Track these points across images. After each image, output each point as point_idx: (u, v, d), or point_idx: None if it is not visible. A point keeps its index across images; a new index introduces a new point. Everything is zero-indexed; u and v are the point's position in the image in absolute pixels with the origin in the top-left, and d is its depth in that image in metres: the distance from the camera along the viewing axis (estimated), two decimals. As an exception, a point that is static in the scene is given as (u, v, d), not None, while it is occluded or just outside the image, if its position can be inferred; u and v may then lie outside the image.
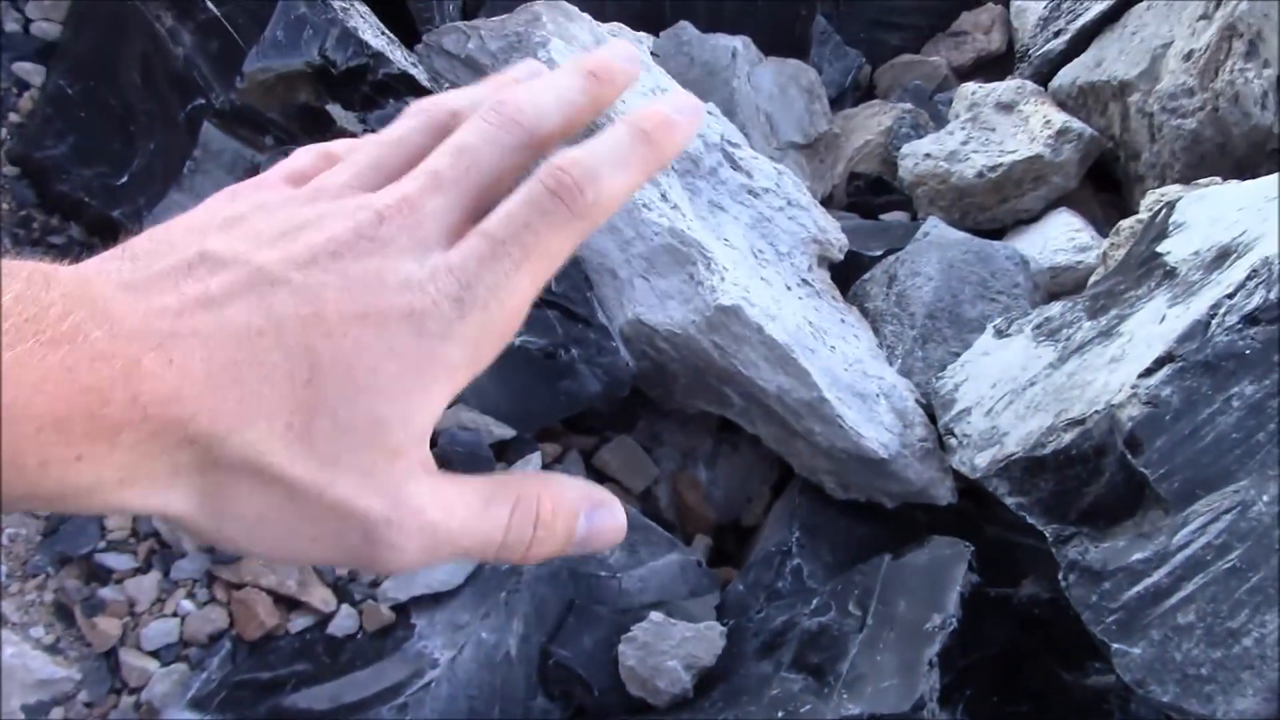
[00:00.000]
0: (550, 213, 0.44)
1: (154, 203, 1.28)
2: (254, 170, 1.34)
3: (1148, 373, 1.11)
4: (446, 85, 1.49)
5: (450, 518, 0.43)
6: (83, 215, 1.38)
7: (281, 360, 0.39)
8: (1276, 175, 1.35)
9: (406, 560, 0.43)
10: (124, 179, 1.33)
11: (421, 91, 1.40)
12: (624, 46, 0.54)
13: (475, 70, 1.54)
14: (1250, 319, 1.09)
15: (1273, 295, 1.09)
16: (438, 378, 0.42)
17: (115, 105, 1.37)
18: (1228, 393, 1.07)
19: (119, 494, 0.38)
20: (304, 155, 0.52)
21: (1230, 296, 1.12)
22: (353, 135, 1.36)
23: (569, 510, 0.47)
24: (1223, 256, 1.23)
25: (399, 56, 1.41)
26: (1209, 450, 1.06)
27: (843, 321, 1.61)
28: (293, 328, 0.39)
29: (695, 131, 0.51)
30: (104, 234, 1.37)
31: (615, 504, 0.49)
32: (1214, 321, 1.11)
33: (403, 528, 0.42)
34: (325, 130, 1.35)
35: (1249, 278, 1.12)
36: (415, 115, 0.51)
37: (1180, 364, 1.10)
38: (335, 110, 1.35)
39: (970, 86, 2.10)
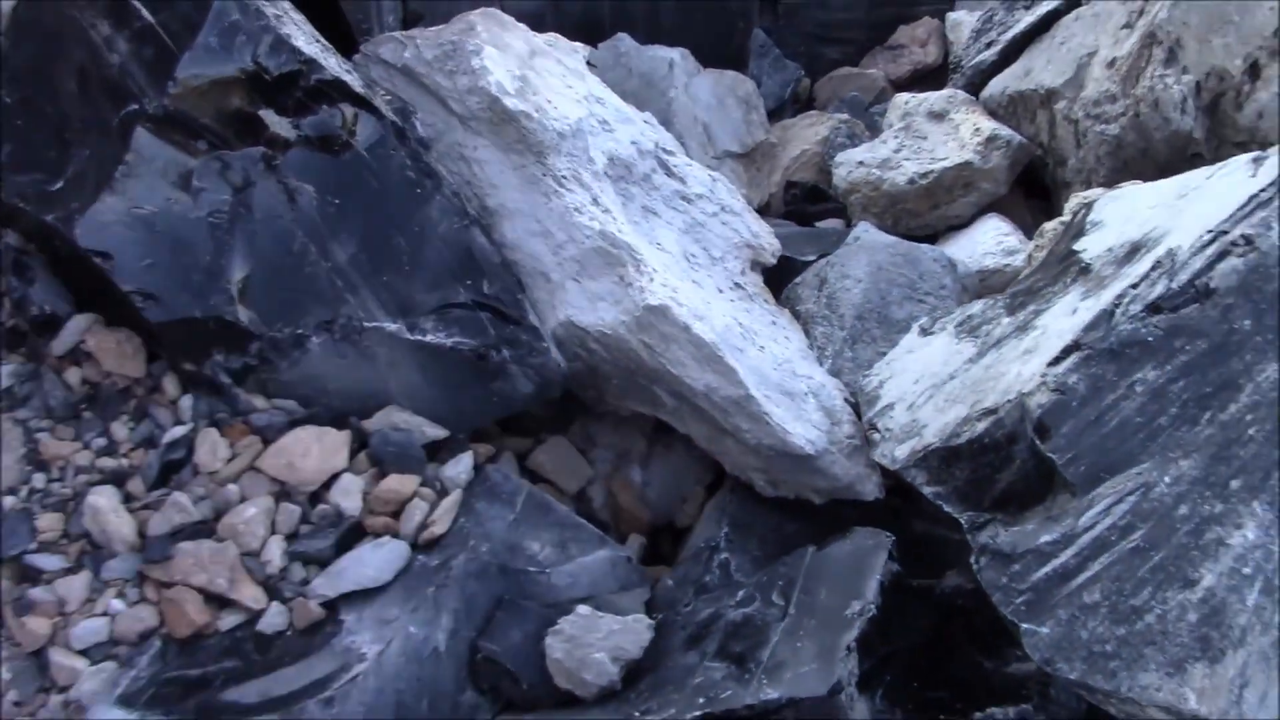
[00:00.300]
0: None
1: (87, 207, 1.29)
2: (188, 176, 1.35)
3: (1055, 361, 1.14)
4: (381, 93, 1.50)
5: None
6: (18, 221, 1.38)
7: None
8: (1187, 174, 1.39)
9: None
10: (59, 184, 1.34)
11: (354, 98, 1.41)
12: None
13: (411, 79, 1.56)
14: (1153, 307, 1.12)
15: (1174, 284, 1.12)
16: None
17: (51, 113, 1.37)
18: (1131, 379, 1.10)
19: None
20: None
21: (1134, 287, 1.15)
22: (285, 140, 1.38)
23: None
24: (1134, 251, 1.27)
25: (332, 64, 1.43)
26: (1113, 435, 1.09)
27: (774, 323, 1.63)
28: None
29: None
30: (39, 240, 1.37)
31: None
32: (1118, 311, 1.14)
33: None
34: (258, 135, 1.37)
35: (1153, 268, 1.16)
36: None
37: (1086, 352, 1.13)
38: (268, 116, 1.37)
39: (904, 96, 2.14)
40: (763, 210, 2.10)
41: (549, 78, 1.58)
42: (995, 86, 2.13)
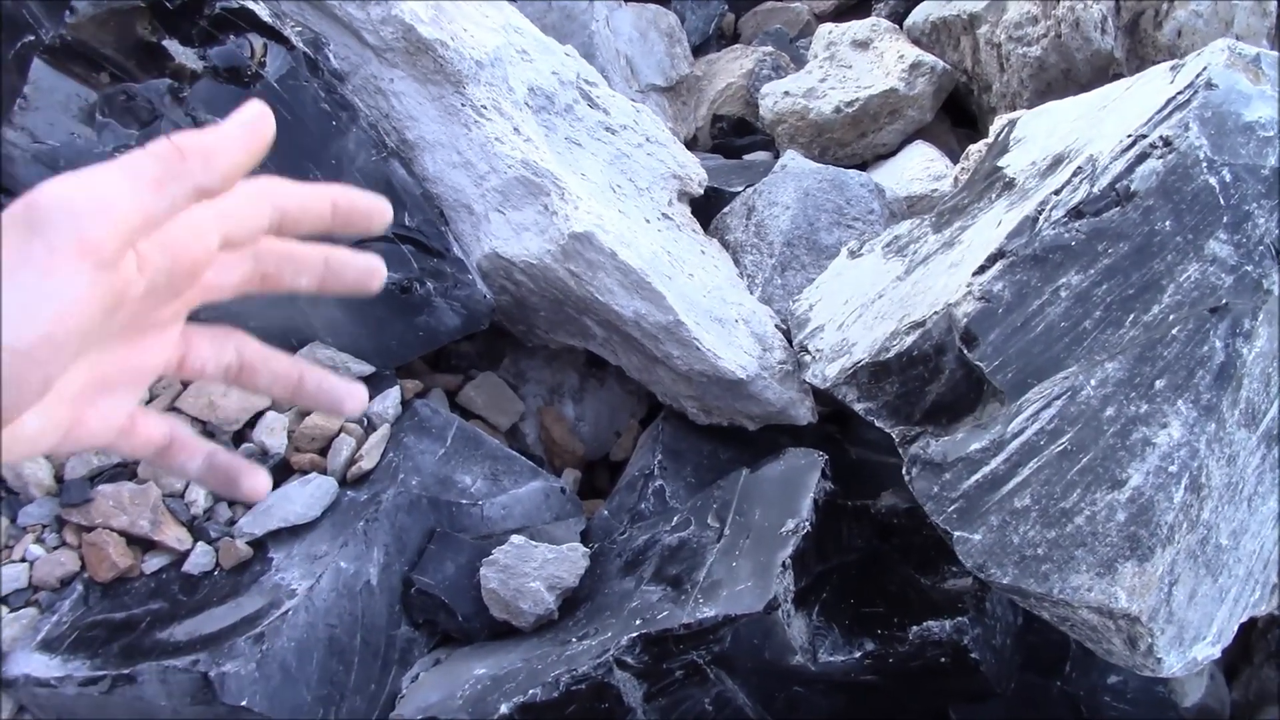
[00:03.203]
0: None
1: (-16, 144, 1.24)
2: (91, 110, 1.30)
3: (981, 270, 1.14)
4: (291, 25, 1.46)
5: None
6: (-87, 161, 1.33)
7: None
8: (1108, 86, 1.39)
9: None
10: (-46, 122, 1.29)
11: (263, 28, 1.37)
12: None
13: (322, 11, 1.51)
14: (1075, 212, 1.12)
15: (1095, 189, 1.12)
16: None
17: (-57, 50, 1.33)
18: (1055, 284, 1.10)
19: None
20: None
21: (1057, 194, 1.15)
22: (192, 71, 1.33)
23: None
24: (1056, 163, 1.27)
25: (240, -8, 1.39)
26: (1039, 340, 1.09)
27: (703, 253, 1.62)
28: None
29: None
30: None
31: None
32: (1041, 217, 1.14)
33: None
34: (163, 66, 1.32)
35: (1074, 175, 1.16)
36: None
37: (1010, 259, 1.13)
38: (172, 46, 1.32)
39: (828, 26, 2.13)
40: (690, 144, 2.08)
41: (464, 5, 1.55)
42: (918, 14, 2.12)
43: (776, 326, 1.52)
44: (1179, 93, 1.15)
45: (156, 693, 1.11)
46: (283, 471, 1.30)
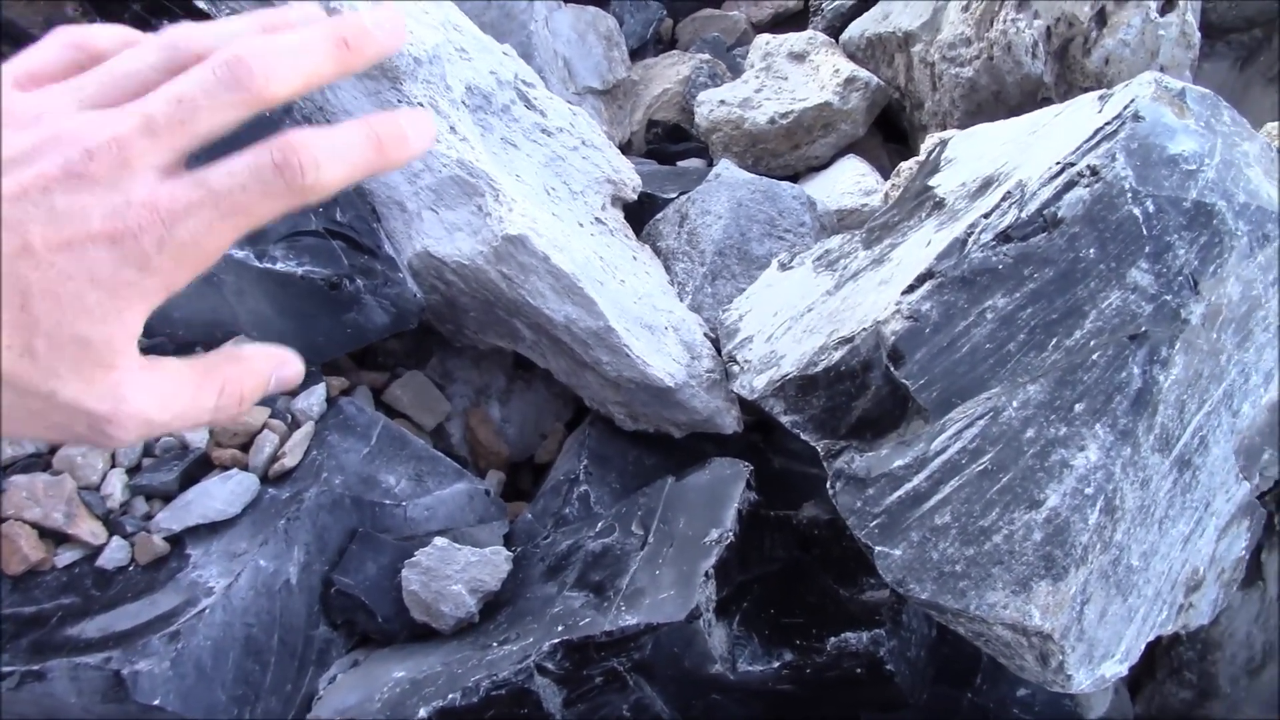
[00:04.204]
0: (269, 183, 0.49)
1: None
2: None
3: (910, 289, 1.16)
4: (226, 10, 1.44)
5: (164, 410, 0.52)
6: None
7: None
8: (1038, 112, 1.42)
9: (127, 441, 0.52)
10: None
11: (197, 14, 1.35)
12: (389, 14, 0.56)
13: (259, 1, 1.49)
14: (1003, 236, 1.14)
15: (1023, 214, 1.15)
16: (134, 302, 0.49)
17: None
18: (982, 306, 1.13)
19: None
20: (53, 51, 0.55)
21: (986, 216, 1.18)
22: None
23: (263, 381, 0.57)
24: (985, 185, 1.29)
25: (174, -23, 1.36)
26: (964, 360, 1.12)
27: (634, 259, 1.62)
28: (6, 262, 0.44)
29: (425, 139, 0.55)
30: None
31: (295, 360, 0.60)
32: (970, 239, 1.16)
33: (122, 423, 0.50)
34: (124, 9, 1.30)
35: (1003, 199, 1.18)
36: (158, 50, 0.54)
37: (939, 280, 1.15)
38: (102, 29, 1.30)
39: (765, 37, 2.15)
40: (624, 148, 2.09)
41: (404, 1, 1.54)
42: (854, 30, 2.14)
43: (705, 335, 1.53)
44: (1107, 123, 1.18)
45: (66, 690, 1.09)
46: (203, 467, 1.28)
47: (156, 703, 1.08)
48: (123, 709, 1.09)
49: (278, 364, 0.59)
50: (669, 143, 2.15)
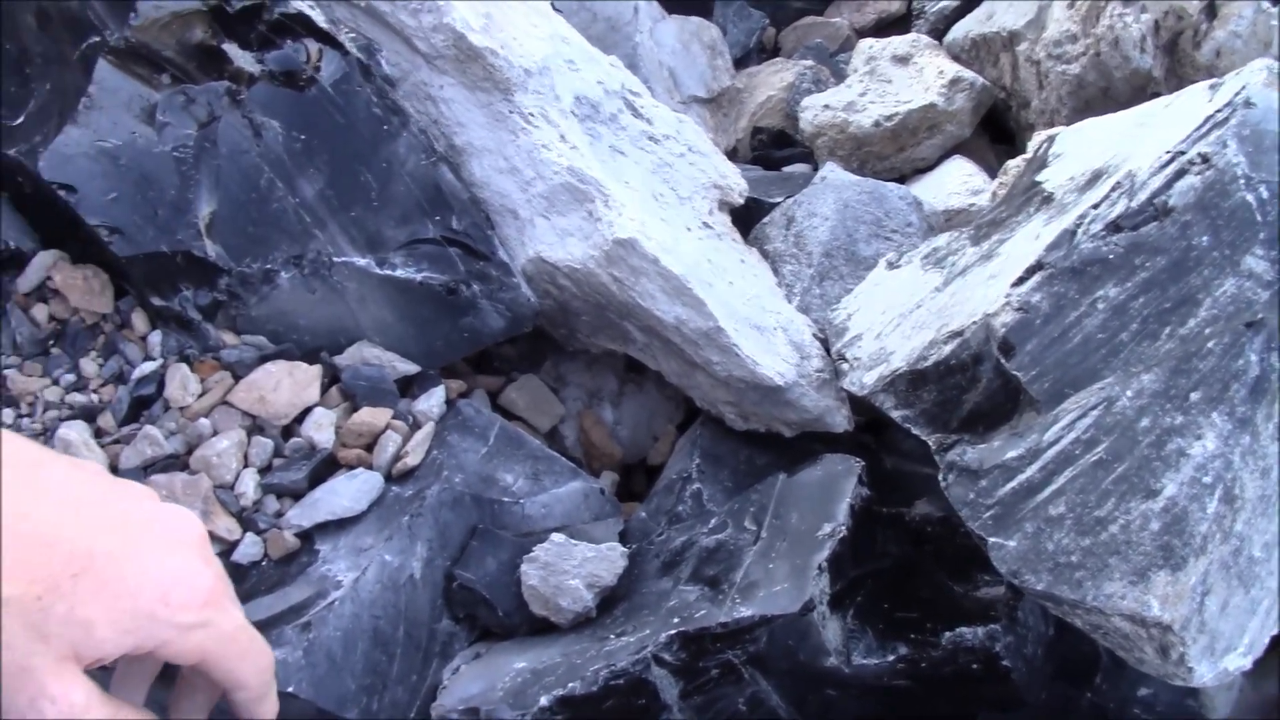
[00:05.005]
0: None
1: (50, 141, 1.28)
2: (151, 110, 1.34)
3: (1019, 281, 1.16)
4: (345, 30, 1.50)
5: None
6: (-20, 159, 1.38)
7: None
8: (1147, 104, 1.41)
9: None
10: (20, 119, 1.33)
11: (319, 33, 1.41)
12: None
13: (375, 18, 1.55)
14: (1113, 226, 1.14)
15: (1134, 203, 1.14)
16: None
17: (10, 49, 1.37)
18: (1093, 296, 1.12)
19: None
20: None
21: (1095, 207, 1.17)
22: (250, 75, 1.37)
23: None
24: (1095, 178, 1.28)
25: (296, -1, 1.42)
26: (1076, 351, 1.11)
27: (742, 262, 1.64)
28: None
29: None
30: (1, 177, 1.36)
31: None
32: (1080, 230, 1.16)
33: None
34: (221, 69, 1.36)
35: (1113, 189, 1.18)
36: None
37: (1049, 271, 1.15)
38: (231, 49, 1.36)
39: (868, 41, 2.15)
40: (730, 155, 2.11)
41: (514, 15, 1.58)
42: (958, 31, 2.14)
43: (814, 335, 1.55)
44: (1217, 110, 1.17)
45: (206, 678, 1.14)
46: (330, 467, 1.33)
47: (290, 690, 1.13)
48: (259, 696, 1.14)
49: None
50: (774, 149, 2.17)
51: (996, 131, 2.13)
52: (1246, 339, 1.06)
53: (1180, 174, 1.14)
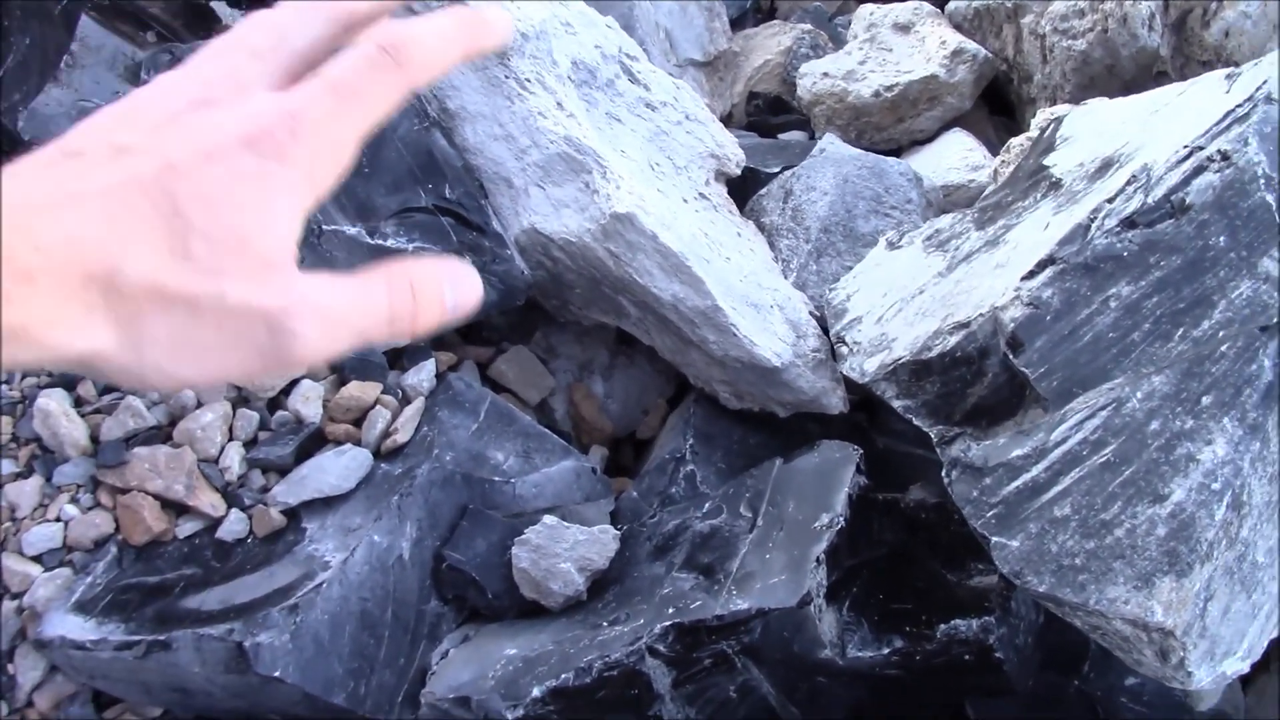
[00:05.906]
0: (378, 63, 0.51)
1: (30, 99, 1.23)
2: (136, 69, 1.29)
3: (1030, 275, 1.14)
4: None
5: (338, 298, 0.49)
6: (-44, 115, 1.32)
7: (148, 204, 0.45)
8: (1159, 90, 1.38)
9: (311, 346, 0.48)
10: (-2, 75, 1.28)
11: None
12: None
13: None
14: (1128, 222, 1.12)
15: (1150, 200, 1.12)
16: (282, 195, 0.48)
17: (-12, 0, 1.32)
18: (1105, 293, 1.10)
19: (49, 333, 0.43)
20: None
21: (1110, 201, 1.15)
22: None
23: (434, 280, 0.54)
24: (1105, 167, 1.26)
25: (287, -45, 1.37)
26: (1087, 349, 1.09)
27: (739, 235, 1.61)
28: (150, 179, 0.45)
29: (507, 33, 0.58)
30: (-21, 131, 1.31)
31: (471, 274, 0.55)
32: (1094, 225, 1.14)
33: (300, 313, 0.47)
34: (210, 28, 1.31)
35: (1128, 183, 1.15)
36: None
37: (1061, 266, 1.13)
38: (219, 7, 1.31)
39: (869, 7, 2.11)
40: (725, 121, 2.07)
41: (513, -25, 1.53)
42: (961, 0, 2.10)
43: (810, 313, 1.52)
44: (1238, 105, 1.14)
45: (191, 659, 1.12)
46: (317, 442, 1.30)
47: (277, 674, 1.11)
48: (243, 679, 1.12)
49: (451, 276, 0.55)
50: (770, 115, 2.13)
51: (996, 103, 2.10)
52: (1261, 343, 1.04)
53: (1199, 170, 1.11)
